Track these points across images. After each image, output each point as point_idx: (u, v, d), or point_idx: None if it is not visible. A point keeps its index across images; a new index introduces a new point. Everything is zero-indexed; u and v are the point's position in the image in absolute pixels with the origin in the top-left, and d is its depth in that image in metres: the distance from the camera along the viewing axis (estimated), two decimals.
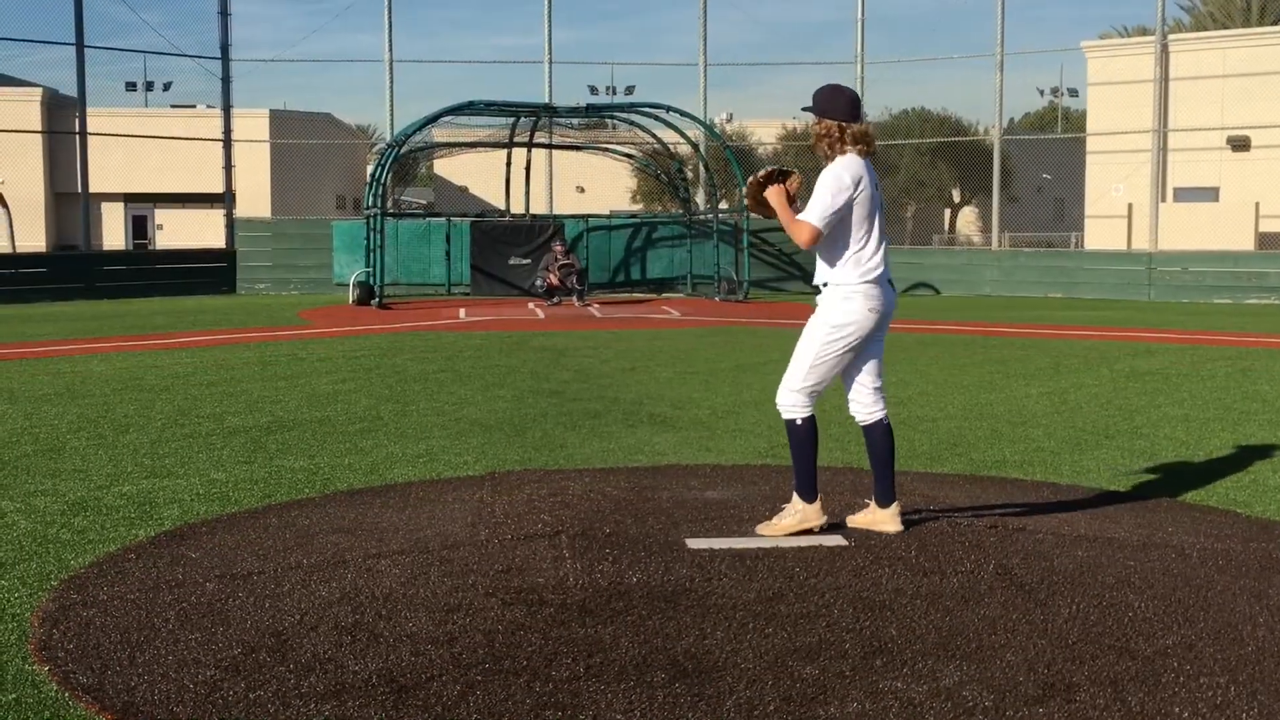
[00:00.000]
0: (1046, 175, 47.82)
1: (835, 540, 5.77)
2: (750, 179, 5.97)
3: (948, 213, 53.59)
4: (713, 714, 3.84)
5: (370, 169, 30.08)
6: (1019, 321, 20.48)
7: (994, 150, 31.40)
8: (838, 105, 5.88)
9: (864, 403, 5.97)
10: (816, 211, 5.74)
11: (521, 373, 12.89)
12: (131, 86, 46.83)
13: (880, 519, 5.96)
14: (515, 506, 6.52)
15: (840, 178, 5.79)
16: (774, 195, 5.90)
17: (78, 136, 28.82)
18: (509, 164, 29.68)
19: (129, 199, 48.74)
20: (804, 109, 6.03)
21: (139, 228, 49.70)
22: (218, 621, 4.70)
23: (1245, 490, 7.21)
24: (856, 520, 6.04)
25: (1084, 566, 5.40)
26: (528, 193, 29.99)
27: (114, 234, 47.92)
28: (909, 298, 28.28)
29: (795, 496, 5.95)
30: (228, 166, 30.25)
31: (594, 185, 43.89)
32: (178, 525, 6.29)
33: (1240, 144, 32.95)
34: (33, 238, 41.24)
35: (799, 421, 5.88)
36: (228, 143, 30.18)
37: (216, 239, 31.14)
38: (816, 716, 3.81)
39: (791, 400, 5.89)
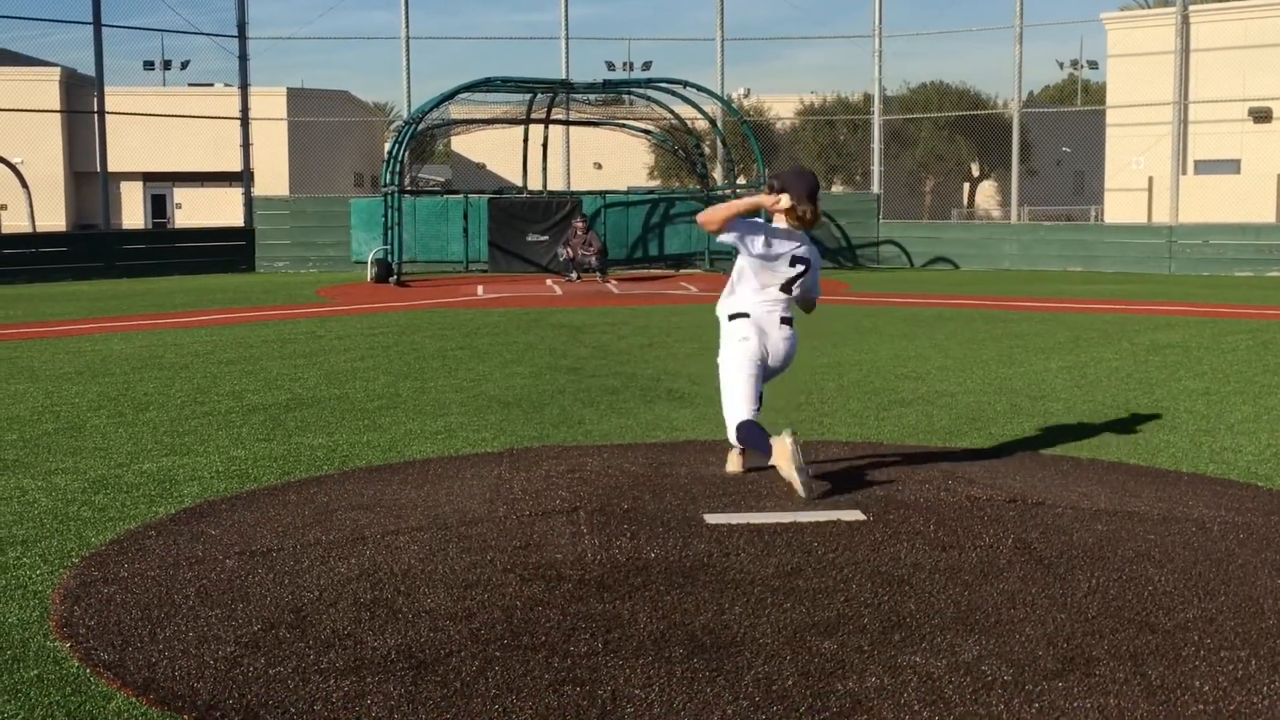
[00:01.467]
0: (1066, 148, 47.55)
1: (853, 515, 5.76)
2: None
3: (966, 186, 53.37)
4: (731, 689, 3.84)
5: (388, 146, 30.05)
6: (1038, 295, 20.39)
7: (1013, 123, 31.22)
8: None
9: None
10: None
11: (539, 349, 12.89)
12: (149, 65, 46.92)
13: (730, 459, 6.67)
14: (533, 483, 6.52)
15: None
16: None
17: (96, 116, 28.84)
18: (526, 140, 29.63)
19: (148, 178, 48.90)
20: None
21: (158, 206, 49.86)
22: (238, 598, 4.72)
23: (1267, 464, 7.18)
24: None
25: (1103, 540, 5.38)
26: (545, 169, 29.93)
27: (133, 213, 48.09)
28: (928, 272, 28.18)
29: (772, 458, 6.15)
30: (245, 145, 30.25)
31: (611, 161, 43.83)
32: (198, 502, 6.32)
33: (1262, 115, 32.71)
34: (52, 217, 41.40)
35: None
36: (245, 121, 30.19)
37: (235, 217, 31.17)
38: (835, 691, 3.81)
39: None
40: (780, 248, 6.34)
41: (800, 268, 6.39)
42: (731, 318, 6.45)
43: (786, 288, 6.39)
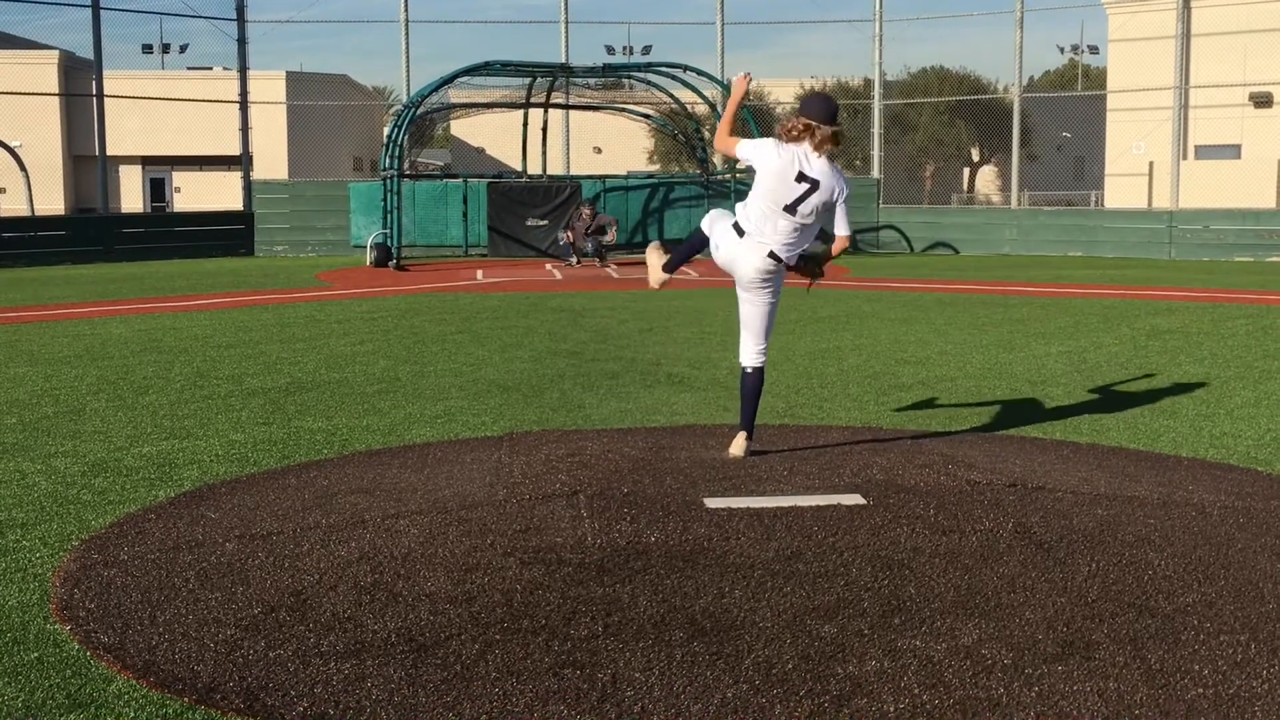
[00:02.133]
0: (1066, 133, 47.48)
1: (853, 500, 5.76)
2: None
3: (966, 172, 53.28)
4: (731, 672, 3.84)
5: (387, 130, 29.99)
6: (1038, 281, 20.38)
7: (1014, 108, 31.15)
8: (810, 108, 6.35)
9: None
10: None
11: (539, 334, 12.88)
12: (148, 49, 46.83)
13: (735, 442, 6.69)
14: (533, 466, 6.51)
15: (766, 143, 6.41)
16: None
17: (95, 99, 28.78)
18: (526, 125, 29.57)
19: (146, 161, 48.83)
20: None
21: (156, 190, 49.80)
22: (237, 581, 4.72)
23: (1266, 448, 7.18)
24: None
25: (1103, 525, 5.38)
26: (544, 153, 29.88)
27: (132, 196, 48.04)
28: (928, 257, 28.16)
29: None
30: (244, 128, 30.18)
31: (611, 146, 43.75)
32: (197, 486, 6.32)
33: (1263, 100, 32.65)
34: (51, 201, 41.34)
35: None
36: (244, 105, 30.11)
37: (234, 201, 31.13)
38: (835, 675, 3.81)
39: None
40: (787, 156, 6.24)
41: (806, 186, 6.23)
42: (733, 227, 6.52)
43: (792, 208, 6.25)
